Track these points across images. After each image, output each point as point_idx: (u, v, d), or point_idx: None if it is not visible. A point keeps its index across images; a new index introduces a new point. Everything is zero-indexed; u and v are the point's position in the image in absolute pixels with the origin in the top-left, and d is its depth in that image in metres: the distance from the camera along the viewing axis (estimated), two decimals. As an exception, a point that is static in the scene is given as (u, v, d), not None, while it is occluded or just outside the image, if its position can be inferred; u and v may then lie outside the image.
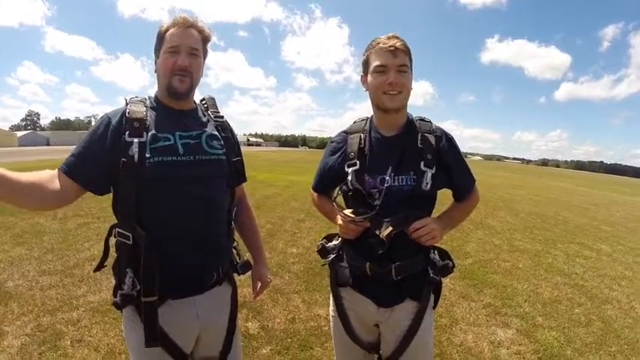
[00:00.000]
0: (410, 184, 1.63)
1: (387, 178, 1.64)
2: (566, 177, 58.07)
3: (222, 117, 1.75)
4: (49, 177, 1.39)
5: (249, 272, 1.82)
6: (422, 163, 1.63)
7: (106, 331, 3.30)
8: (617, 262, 7.05)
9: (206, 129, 1.64)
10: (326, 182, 1.92)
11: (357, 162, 1.70)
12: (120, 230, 1.47)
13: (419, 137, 1.68)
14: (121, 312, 1.57)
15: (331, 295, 1.89)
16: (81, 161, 1.45)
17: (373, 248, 1.60)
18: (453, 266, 1.76)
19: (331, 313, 1.91)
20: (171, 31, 1.54)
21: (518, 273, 5.84)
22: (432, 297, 1.78)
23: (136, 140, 1.44)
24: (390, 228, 1.57)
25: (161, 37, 1.56)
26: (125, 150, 1.43)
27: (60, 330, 3.35)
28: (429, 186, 1.62)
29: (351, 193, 1.70)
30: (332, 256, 1.85)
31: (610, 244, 8.53)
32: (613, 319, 4.44)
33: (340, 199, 1.81)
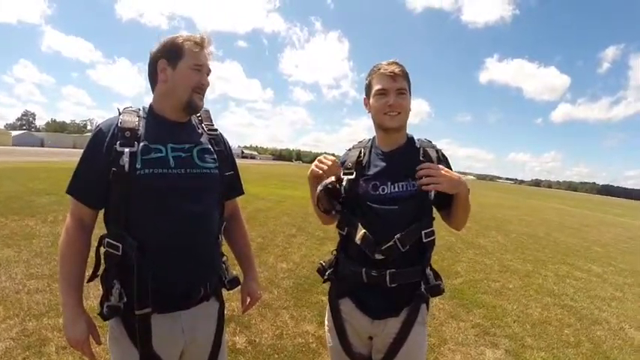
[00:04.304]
0: (409, 189, 1.70)
1: (384, 186, 1.72)
2: (559, 198, 58.39)
3: (216, 130, 1.76)
4: (76, 241, 1.52)
5: (238, 287, 1.81)
6: None
7: (91, 339, 3.24)
8: (607, 282, 7.08)
9: (199, 142, 1.64)
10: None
11: (354, 171, 1.80)
12: (109, 241, 1.47)
13: (421, 151, 1.77)
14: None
15: (328, 307, 1.92)
16: (82, 181, 1.53)
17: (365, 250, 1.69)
18: (443, 290, 1.77)
19: (327, 326, 1.94)
20: (193, 47, 1.54)
21: (508, 293, 5.84)
22: (426, 312, 1.81)
23: (126, 150, 1.44)
24: (364, 231, 1.68)
25: (179, 48, 1.54)
26: (116, 160, 1.43)
27: (45, 335, 3.31)
28: (432, 194, 1.70)
29: (344, 199, 1.78)
30: (330, 270, 1.91)
31: (601, 264, 8.57)
32: (602, 340, 4.45)
33: None
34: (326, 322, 1.96)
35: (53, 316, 3.65)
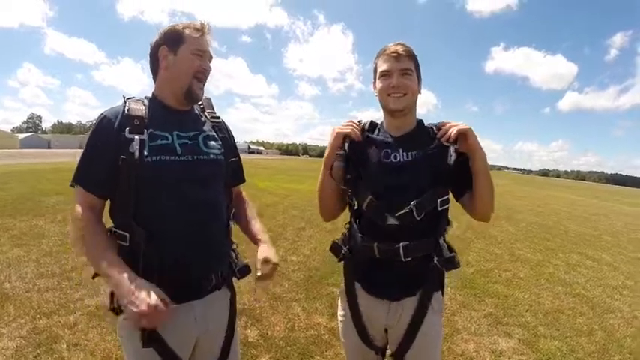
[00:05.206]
0: (422, 155, 1.67)
1: (395, 154, 1.69)
2: (567, 187, 58.03)
3: (219, 118, 1.75)
4: (92, 222, 1.43)
5: (248, 276, 1.75)
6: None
7: (102, 335, 3.27)
8: (618, 271, 7.03)
9: (203, 129, 1.64)
10: None
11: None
12: (117, 231, 1.44)
13: (433, 129, 1.72)
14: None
15: (342, 296, 1.88)
16: (90, 170, 1.47)
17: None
18: (459, 263, 1.70)
19: (340, 316, 1.91)
20: (193, 33, 1.54)
21: (519, 282, 5.81)
22: (442, 300, 1.78)
23: (136, 137, 1.42)
24: (370, 197, 1.65)
25: (179, 35, 1.53)
26: (125, 147, 1.40)
27: (56, 333, 3.31)
28: (452, 159, 1.64)
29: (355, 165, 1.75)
30: (345, 247, 1.85)
31: (611, 253, 8.51)
32: (615, 328, 4.42)
33: None
34: (339, 311, 1.93)
35: (64, 313, 3.66)
